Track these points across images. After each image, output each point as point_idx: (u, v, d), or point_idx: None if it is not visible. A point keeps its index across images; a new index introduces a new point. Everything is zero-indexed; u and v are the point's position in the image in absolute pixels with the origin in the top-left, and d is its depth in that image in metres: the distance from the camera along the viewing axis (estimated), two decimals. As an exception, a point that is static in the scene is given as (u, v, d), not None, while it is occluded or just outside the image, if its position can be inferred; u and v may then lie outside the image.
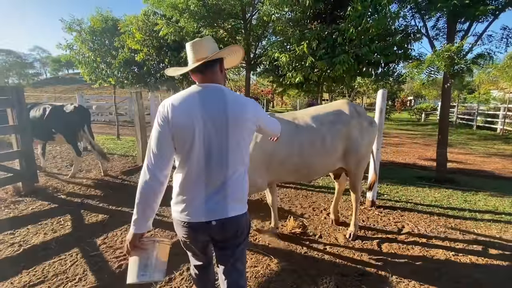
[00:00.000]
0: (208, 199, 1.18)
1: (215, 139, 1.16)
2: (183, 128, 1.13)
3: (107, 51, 7.12)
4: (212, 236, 1.24)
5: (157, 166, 1.14)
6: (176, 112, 1.13)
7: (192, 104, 1.15)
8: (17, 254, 2.41)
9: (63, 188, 4.04)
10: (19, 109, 3.49)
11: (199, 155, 1.16)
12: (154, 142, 1.16)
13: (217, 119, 1.15)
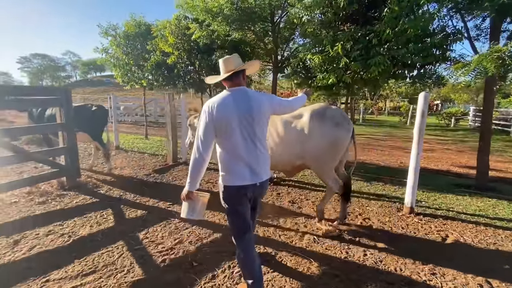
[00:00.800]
0: (250, 169, 1.71)
1: (247, 128, 1.68)
2: (222, 121, 1.64)
3: (139, 55, 7.42)
4: (253, 194, 1.78)
5: (203, 148, 1.67)
6: (217, 109, 1.64)
7: (227, 104, 1.66)
8: (67, 244, 2.55)
9: (101, 183, 4.24)
10: (66, 108, 3.72)
11: (237, 139, 1.67)
12: (201, 132, 1.67)
13: (246, 114, 1.66)
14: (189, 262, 2.29)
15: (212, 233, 2.78)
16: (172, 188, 4.15)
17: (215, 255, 2.42)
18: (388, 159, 6.94)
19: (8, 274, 2.09)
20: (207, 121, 1.65)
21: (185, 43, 6.10)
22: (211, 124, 1.65)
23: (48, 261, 2.27)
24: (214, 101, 1.68)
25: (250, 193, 1.75)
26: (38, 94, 3.63)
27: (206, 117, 1.65)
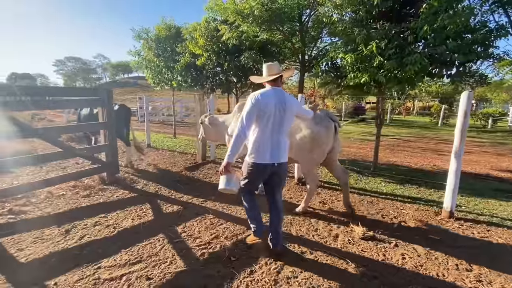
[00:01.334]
0: (272, 152, 2.18)
1: (279, 119, 2.16)
2: (265, 108, 2.10)
3: (169, 57, 7.71)
4: (272, 172, 2.25)
5: (246, 128, 2.12)
6: (261, 98, 2.11)
7: (269, 97, 2.13)
8: (113, 235, 2.73)
9: (138, 179, 4.48)
10: (108, 108, 3.97)
11: (271, 125, 2.15)
12: (245, 116, 2.11)
13: (281, 108, 2.14)
14: (227, 256, 2.37)
15: (245, 230, 2.85)
16: (203, 185, 4.28)
17: (252, 251, 2.48)
18: (420, 161, 6.65)
19: (64, 260, 2.28)
20: (253, 106, 2.10)
21: (214, 44, 6.26)
22: (255, 109, 2.10)
23: (97, 249, 2.44)
24: (259, 92, 2.16)
25: (268, 171, 2.24)
26: (83, 95, 3.91)
27: (252, 103, 2.11)
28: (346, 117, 20.12)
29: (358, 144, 9.25)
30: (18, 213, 3.10)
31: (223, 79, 6.99)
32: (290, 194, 3.98)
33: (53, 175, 4.39)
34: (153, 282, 2.03)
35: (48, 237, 2.62)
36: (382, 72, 4.19)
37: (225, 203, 3.54)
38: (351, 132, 12.86)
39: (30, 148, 6.21)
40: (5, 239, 2.57)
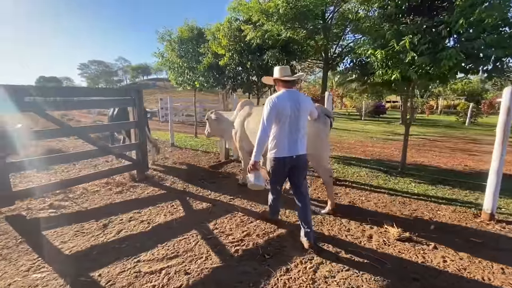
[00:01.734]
0: (289, 146, 2.42)
1: (295, 117, 2.38)
2: (282, 110, 2.34)
3: (192, 57, 7.84)
4: (292, 164, 2.46)
5: (268, 128, 2.37)
6: (278, 100, 2.34)
7: (285, 99, 2.37)
8: (148, 230, 2.81)
9: (165, 177, 4.59)
10: (139, 108, 4.10)
11: (288, 125, 2.38)
12: (266, 118, 2.35)
13: (296, 108, 2.37)
14: (261, 254, 2.37)
15: (276, 229, 2.84)
16: (229, 183, 4.32)
17: (284, 249, 2.46)
18: (450, 161, 6.35)
19: (104, 253, 2.37)
20: (271, 108, 2.34)
21: (236, 44, 6.30)
22: (274, 111, 2.34)
23: (135, 244, 2.53)
24: (276, 95, 2.41)
25: (288, 163, 2.45)
26: (117, 95, 4.07)
27: (271, 106, 2.34)
28: (366, 116, 19.63)
29: (381, 144, 8.99)
30: (58, 207, 3.27)
31: (244, 79, 7.01)
32: (317, 193, 3.92)
33: (86, 172, 4.61)
34: (191, 277, 2.06)
35: (88, 231, 2.74)
36: (413, 69, 4.04)
37: (253, 201, 3.55)
38: (373, 132, 12.52)
39: (62, 147, 6.55)
40: (49, 232, 2.72)
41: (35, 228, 2.76)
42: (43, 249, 2.39)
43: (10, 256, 2.27)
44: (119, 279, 2.03)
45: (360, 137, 10.47)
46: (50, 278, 2.01)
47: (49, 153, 5.63)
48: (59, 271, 2.09)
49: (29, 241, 2.51)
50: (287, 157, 2.42)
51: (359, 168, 5.34)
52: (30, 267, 2.14)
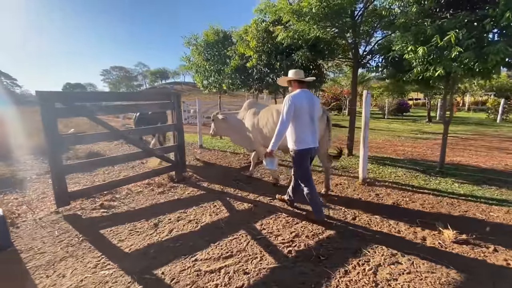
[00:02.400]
0: (312, 138, 2.84)
1: (310, 113, 2.80)
2: (299, 107, 2.73)
3: (218, 60, 7.96)
4: (312, 154, 2.94)
5: (286, 122, 2.76)
6: (296, 98, 2.74)
7: (301, 97, 2.77)
8: (197, 229, 2.87)
9: (201, 178, 4.68)
10: (178, 111, 4.21)
11: (306, 119, 2.79)
12: (286, 112, 2.74)
13: (311, 105, 2.79)
14: (315, 255, 2.35)
15: (324, 230, 2.81)
16: (264, 184, 4.32)
17: (337, 251, 2.43)
18: (489, 160, 6.02)
19: (162, 252, 2.45)
20: (290, 105, 2.72)
21: (264, 45, 6.33)
22: (292, 107, 2.72)
23: (189, 243, 2.59)
24: (294, 94, 2.79)
25: (310, 153, 2.90)
26: (158, 99, 4.20)
27: (290, 103, 2.72)
28: (390, 115, 19.03)
29: (411, 143, 8.69)
30: (109, 207, 3.42)
31: (270, 80, 7.01)
32: (357, 194, 3.85)
33: (127, 173, 4.79)
34: (251, 277, 2.08)
35: (141, 230, 2.84)
36: (457, 64, 3.87)
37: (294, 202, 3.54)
38: (399, 131, 12.12)
39: (99, 149, 6.85)
40: (106, 230, 2.84)
41: (92, 227, 2.89)
42: (104, 247, 2.50)
43: (76, 254, 2.40)
44: (182, 277, 2.08)
45: (387, 136, 10.17)
46: (118, 275, 2.10)
47: (89, 156, 5.91)
48: (124, 269, 2.18)
49: (89, 240, 2.63)
50: (311, 148, 2.86)
51: (394, 168, 5.18)
52: (96, 264, 2.25)
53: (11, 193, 3.83)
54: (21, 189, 4.00)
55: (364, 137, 4.16)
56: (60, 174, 3.07)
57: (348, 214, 3.17)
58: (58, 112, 3.02)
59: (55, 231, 2.78)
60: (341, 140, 9.58)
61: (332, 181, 4.40)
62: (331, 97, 22.92)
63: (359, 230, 2.81)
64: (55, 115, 2.99)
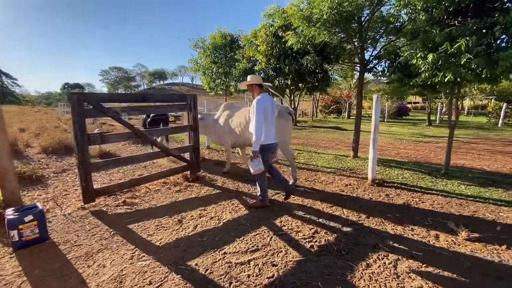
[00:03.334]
0: (274, 135, 3.29)
1: (272, 114, 3.21)
2: (266, 108, 3.10)
3: (225, 63, 8.11)
4: (274, 149, 3.38)
5: (262, 124, 3.07)
6: (264, 102, 3.07)
7: (266, 99, 3.12)
8: (221, 225, 3.00)
9: (214, 177, 4.81)
10: (194, 112, 4.35)
11: (269, 119, 3.15)
12: (260, 115, 3.05)
13: (271, 107, 3.19)
14: (336, 250, 2.49)
15: (342, 227, 2.95)
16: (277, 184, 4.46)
17: (356, 246, 2.57)
18: (493, 164, 6.21)
19: (191, 245, 2.57)
20: (260, 106, 3.04)
21: (273, 49, 6.50)
22: (263, 108, 3.05)
23: (214, 237, 2.72)
24: (262, 98, 3.12)
25: (272, 149, 3.34)
26: (176, 101, 4.34)
27: (261, 106, 3.05)
28: (389, 118, 19.28)
29: (413, 146, 8.88)
30: (131, 204, 3.54)
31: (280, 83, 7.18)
32: (368, 194, 4.00)
33: (141, 173, 4.91)
34: (279, 268, 2.22)
35: (167, 225, 2.97)
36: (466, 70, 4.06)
37: (309, 199, 3.69)
38: (400, 134, 12.33)
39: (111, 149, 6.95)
40: (133, 225, 2.96)
41: (119, 222, 3.02)
42: (136, 241, 2.63)
43: (110, 246, 2.52)
44: (215, 268, 2.21)
45: (389, 139, 10.36)
46: (154, 266, 2.23)
47: (101, 156, 6.02)
48: (159, 260, 2.31)
49: (120, 234, 2.76)
50: (275, 143, 3.32)
51: (401, 170, 5.35)
52: (132, 255, 2.37)
53: (34, 190, 3.94)
54: (43, 187, 4.11)
55: (374, 139, 4.33)
56: (88, 172, 3.20)
57: (362, 213, 3.32)
58: (86, 112, 3.15)
59: (86, 226, 2.90)
60: (344, 143, 9.77)
61: (342, 182, 4.56)
62: (331, 100, 23.16)
63: (374, 228, 2.95)
64: (83, 115, 3.11)
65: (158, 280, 2.06)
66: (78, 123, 3.07)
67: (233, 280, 2.08)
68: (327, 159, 6.35)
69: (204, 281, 2.06)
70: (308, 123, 18.11)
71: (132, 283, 2.02)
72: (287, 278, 2.10)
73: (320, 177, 4.80)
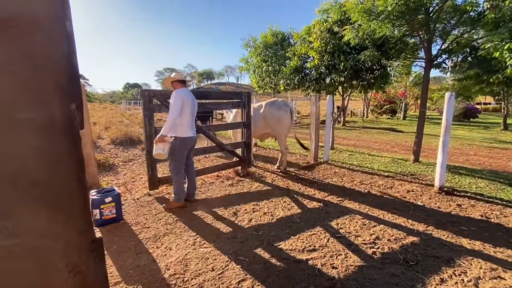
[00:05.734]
0: (191, 128, 3.25)
1: (193, 108, 3.25)
2: (186, 101, 3.11)
3: (276, 61, 8.11)
4: (192, 143, 3.34)
5: (177, 115, 3.03)
6: (184, 95, 3.09)
7: (187, 94, 3.17)
8: (274, 221, 3.00)
9: (263, 174, 4.85)
10: (247, 109, 4.43)
11: (187, 112, 3.16)
12: (177, 107, 3.03)
13: (192, 100, 3.24)
14: (403, 260, 2.29)
15: (406, 236, 2.71)
16: (329, 185, 4.30)
17: (426, 258, 2.33)
18: None
19: (248, 238, 2.62)
20: (180, 99, 3.05)
21: (327, 45, 6.28)
22: (181, 101, 3.05)
23: (270, 232, 2.72)
24: (182, 91, 3.12)
25: (191, 142, 3.28)
26: (233, 98, 4.50)
27: (180, 99, 3.05)
28: (454, 120, 17.17)
29: (486, 153, 7.77)
30: (189, 194, 3.76)
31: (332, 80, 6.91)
32: (435, 203, 3.60)
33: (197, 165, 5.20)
34: (340, 272, 2.13)
35: (223, 216, 3.08)
36: None
37: (365, 205, 3.48)
38: (468, 138, 10.90)
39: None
40: (193, 213, 3.15)
41: (180, 209, 3.23)
42: (197, 228, 2.78)
43: (174, 231, 2.71)
44: (272, 263, 2.22)
45: (454, 144, 9.24)
46: (215, 254, 2.33)
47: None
48: (219, 249, 2.41)
49: (183, 220, 2.95)
50: (192, 137, 3.26)
51: (473, 179, 4.71)
52: (194, 242, 2.52)
53: (108, 176, 4.47)
54: (114, 173, 4.64)
55: (444, 141, 3.88)
56: (153, 161, 3.49)
57: (430, 222, 3.00)
58: (155, 108, 3.44)
59: (152, 210, 3.17)
60: (400, 145, 9.00)
61: (402, 187, 4.19)
62: (384, 99, 21.57)
63: (446, 240, 2.64)
64: (153, 110, 3.40)
65: (219, 268, 2.14)
66: (148, 116, 3.37)
67: (291, 277, 2.05)
68: (383, 162, 5.91)
69: (263, 275, 2.07)
70: (358, 123, 17.16)
71: (196, 267, 2.14)
72: (349, 283, 2.00)
73: (377, 181, 4.49)
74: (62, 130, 0.85)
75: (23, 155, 0.83)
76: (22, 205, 0.81)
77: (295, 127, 12.27)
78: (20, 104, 0.82)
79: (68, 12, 0.87)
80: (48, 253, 0.85)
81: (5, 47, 0.79)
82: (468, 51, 5.08)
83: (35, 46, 0.82)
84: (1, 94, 0.79)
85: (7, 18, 0.76)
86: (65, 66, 0.85)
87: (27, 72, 0.82)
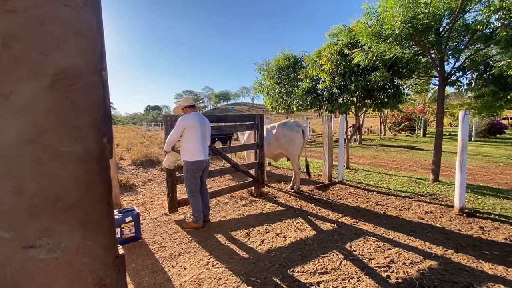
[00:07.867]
0: (203, 151, 3.35)
1: (203, 131, 3.35)
2: (190, 125, 3.25)
3: (288, 83, 8.36)
4: (205, 165, 3.41)
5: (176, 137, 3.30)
6: (189, 120, 3.25)
7: (194, 119, 3.27)
8: (286, 244, 3.01)
9: (277, 194, 4.89)
10: (260, 131, 4.59)
11: (199, 136, 3.30)
12: (177, 129, 3.26)
13: (202, 125, 3.35)
14: (419, 285, 2.23)
15: (423, 259, 2.63)
16: (343, 206, 4.26)
17: (444, 284, 2.25)
18: None
19: (260, 259, 2.65)
20: (181, 125, 3.22)
21: (337, 67, 6.44)
22: (182, 127, 3.22)
23: (282, 254, 2.74)
24: (188, 117, 3.27)
25: (203, 165, 3.35)
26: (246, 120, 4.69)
27: (180, 125, 3.22)
28: (478, 137, 16.42)
29: (515, 171, 7.34)
30: (204, 214, 3.87)
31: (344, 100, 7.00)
32: (455, 225, 3.47)
33: (212, 186, 5.33)
34: (352, 295, 2.10)
35: (237, 237, 3.14)
36: None
37: (380, 226, 3.41)
38: (495, 155, 10.36)
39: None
40: (207, 234, 3.23)
41: (195, 230, 3.33)
42: (210, 248, 2.86)
43: (189, 251, 2.81)
44: (284, 285, 2.23)
45: (479, 162, 8.81)
46: (227, 274, 2.38)
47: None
48: (231, 269, 2.46)
49: (197, 240, 3.04)
50: (203, 160, 3.33)
51: (498, 199, 4.48)
52: (208, 262, 2.59)
53: (128, 196, 4.70)
54: (134, 193, 4.87)
55: (461, 161, 3.79)
56: (174, 184, 3.67)
57: (449, 246, 2.89)
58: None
59: (169, 230, 3.30)
60: (420, 164, 8.73)
61: (420, 208, 4.07)
62: (402, 116, 21.14)
63: (466, 265, 2.54)
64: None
65: (231, 288, 2.19)
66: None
67: (303, 299, 2.06)
68: (400, 182, 5.76)
69: (274, 297, 2.09)
70: (375, 141, 16.83)
71: (209, 287, 2.20)
72: (362, 307, 1.97)
73: (393, 202, 4.39)
74: (95, 160, 1.02)
75: (63, 181, 0.99)
76: (61, 224, 0.97)
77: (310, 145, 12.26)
78: (63, 139, 0.99)
79: (104, 64, 1.06)
80: (80, 268, 0.99)
81: (54, 94, 0.99)
82: (482, 68, 5.04)
83: (76, 92, 1.01)
84: (49, 131, 0.97)
85: (59, 73, 0.96)
86: (100, 107, 1.03)
87: (69, 113, 1.01)
